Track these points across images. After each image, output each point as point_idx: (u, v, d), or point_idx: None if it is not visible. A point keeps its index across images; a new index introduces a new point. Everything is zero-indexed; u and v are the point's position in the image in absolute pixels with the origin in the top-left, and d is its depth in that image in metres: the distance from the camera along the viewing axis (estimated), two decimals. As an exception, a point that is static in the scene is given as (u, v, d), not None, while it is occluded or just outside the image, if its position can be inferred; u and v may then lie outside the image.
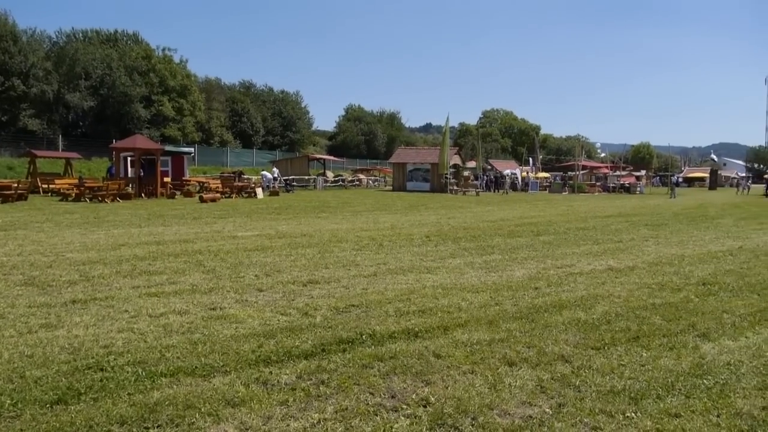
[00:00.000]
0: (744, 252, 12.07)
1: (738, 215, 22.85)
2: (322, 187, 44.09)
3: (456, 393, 4.35)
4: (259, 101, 69.72)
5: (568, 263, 10.25)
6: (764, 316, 6.78)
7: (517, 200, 34.05)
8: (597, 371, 4.86)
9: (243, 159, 57.49)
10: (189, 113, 55.06)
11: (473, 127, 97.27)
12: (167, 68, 53.79)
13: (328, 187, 45.35)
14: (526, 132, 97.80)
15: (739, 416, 4.07)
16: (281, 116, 70.87)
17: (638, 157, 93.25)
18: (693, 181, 77.07)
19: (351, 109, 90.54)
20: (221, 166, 51.89)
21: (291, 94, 75.79)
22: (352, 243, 12.29)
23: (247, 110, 64.26)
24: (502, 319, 6.38)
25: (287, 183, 39.13)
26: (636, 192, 50.25)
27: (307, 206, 24.00)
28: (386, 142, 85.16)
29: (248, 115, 64.20)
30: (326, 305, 6.89)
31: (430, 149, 51.11)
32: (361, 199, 30.97)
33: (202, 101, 57.96)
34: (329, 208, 23.41)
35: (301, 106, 76.93)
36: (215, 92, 63.59)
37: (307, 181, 44.31)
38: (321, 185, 44.15)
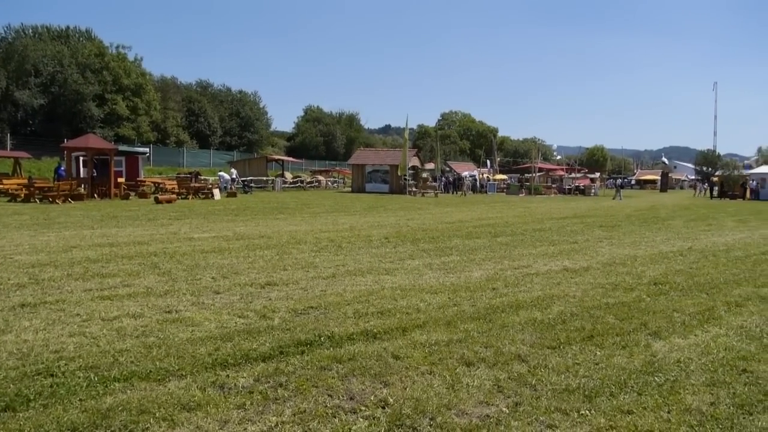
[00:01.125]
0: (693, 252, 12.43)
1: (688, 217, 23.52)
2: (281, 188, 43.76)
3: (414, 394, 4.37)
4: (216, 101, 68.89)
5: (525, 264, 10.40)
6: (712, 314, 7.00)
7: (475, 202, 34.38)
8: (552, 370, 4.94)
9: (200, 159, 56.68)
10: (144, 112, 54.08)
11: (432, 128, 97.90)
12: (121, 66, 52.73)
13: (286, 188, 45.04)
14: (484, 134, 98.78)
15: (688, 412, 4.18)
16: (239, 116, 70.17)
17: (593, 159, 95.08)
18: (645, 184, 78.99)
19: (310, 110, 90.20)
20: (177, 166, 51.02)
21: (249, 94, 75.19)
22: (311, 244, 12.23)
23: (204, 110, 63.43)
24: (460, 320, 6.43)
25: (245, 184, 38.72)
26: (591, 194, 51.26)
27: (265, 207, 23.80)
28: (345, 144, 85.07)
29: (205, 115, 63.39)
30: (284, 307, 6.84)
31: (389, 151, 51.25)
32: (320, 200, 30.86)
33: (158, 100, 56.98)
34: (288, 209, 23.26)
35: (259, 106, 76.33)
36: (171, 91, 62.60)
37: (266, 183, 43.93)
38: (279, 186, 43.82)
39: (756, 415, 4.16)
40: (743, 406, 4.29)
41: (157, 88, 59.44)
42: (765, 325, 6.55)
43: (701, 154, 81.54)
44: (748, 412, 4.21)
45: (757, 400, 4.40)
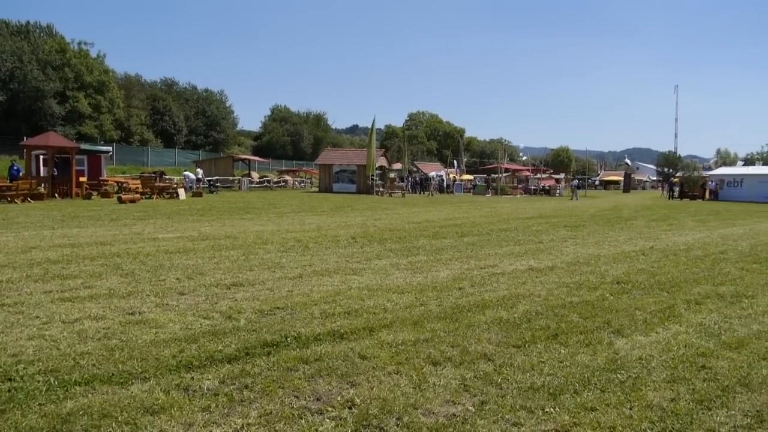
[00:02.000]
0: (655, 252, 12.68)
1: (649, 217, 23.99)
2: (247, 188, 43.40)
3: (381, 394, 4.37)
4: (181, 99, 67.99)
5: (491, 264, 10.49)
6: (673, 312, 7.15)
7: (442, 202, 34.56)
8: (518, 368, 4.99)
9: (165, 159, 55.84)
10: (107, 110, 53.12)
11: (399, 129, 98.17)
12: (83, 63, 51.69)
13: (253, 188, 44.68)
14: (451, 135, 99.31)
15: (650, 408, 4.26)
16: (205, 115, 69.36)
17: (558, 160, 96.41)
18: (608, 184, 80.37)
19: (277, 109, 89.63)
20: (141, 165, 50.18)
21: (215, 93, 74.39)
22: (278, 245, 12.16)
23: (169, 108, 62.53)
24: (427, 320, 6.45)
25: (211, 184, 38.31)
26: (556, 194, 51.94)
27: (231, 207, 23.57)
28: (312, 143, 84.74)
29: (170, 114, 62.50)
30: (250, 308, 6.78)
31: (357, 151, 51.17)
32: (287, 200, 30.69)
33: (121, 98, 56.02)
34: (254, 209, 23.07)
35: (225, 105, 75.55)
36: (135, 89, 61.59)
37: (232, 182, 43.52)
38: (246, 186, 43.45)
39: (714, 410, 4.26)
40: (702, 402, 4.39)
41: (120, 85, 58.42)
42: (723, 323, 6.71)
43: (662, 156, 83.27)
44: (707, 407, 4.31)
45: (715, 396, 4.50)
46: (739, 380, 4.86)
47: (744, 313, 7.22)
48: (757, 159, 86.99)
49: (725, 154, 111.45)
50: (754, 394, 4.59)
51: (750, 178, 47.93)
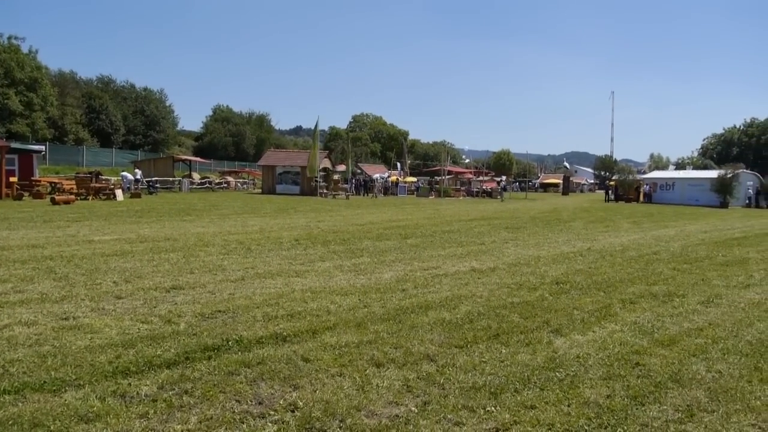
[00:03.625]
0: (592, 253, 13.05)
1: (587, 219, 24.66)
2: (188, 189, 42.53)
3: (324, 396, 4.35)
4: (119, 98, 66.09)
5: (434, 265, 10.58)
6: (609, 311, 7.37)
7: (385, 204, 34.67)
8: (460, 369, 5.05)
9: (101, 159, 54.11)
10: (39, 108, 51.10)
11: (343, 131, 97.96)
12: (14, 58, 49.57)
13: (194, 189, 43.81)
14: (395, 137, 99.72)
15: (587, 405, 4.38)
16: (144, 114, 67.61)
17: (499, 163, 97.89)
18: (548, 187, 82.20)
19: (219, 109, 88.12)
20: (76, 165, 48.48)
21: (155, 91, 72.56)
22: (219, 247, 11.96)
23: (105, 107, 60.67)
24: (371, 321, 6.46)
25: (150, 185, 37.38)
26: (497, 197, 52.79)
27: (171, 209, 23.04)
28: (255, 144, 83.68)
29: (107, 113, 60.63)
30: (191, 312, 6.65)
31: (300, 152, 50.82)
32: (229, 201, 30.23)
33: (55, 96, 53.99)
34: (195, 210, 22.63)
35: (165, 104, 73.82)
36: (70, 87, 59.49)
37: (172, 183, 42.56)
38: (187, 187, 42.57)
39: (647, 406, 4.41)
40: (636, 398, 4.54)
41: (54, 82, 56.31)
42: (656, 321, 6.96)
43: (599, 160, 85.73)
44: (641, 403, 4.46)
45: (648, 392, 4.67)
46: (671, 376, 5.05)
47: (675, 312, 7.50)
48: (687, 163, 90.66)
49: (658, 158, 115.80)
50: (684, 389, 4.77)
51: (681, 182, 49.85)
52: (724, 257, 13.01)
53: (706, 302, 8.17)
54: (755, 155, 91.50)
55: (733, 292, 9.01)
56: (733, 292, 9.02)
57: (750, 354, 5.80)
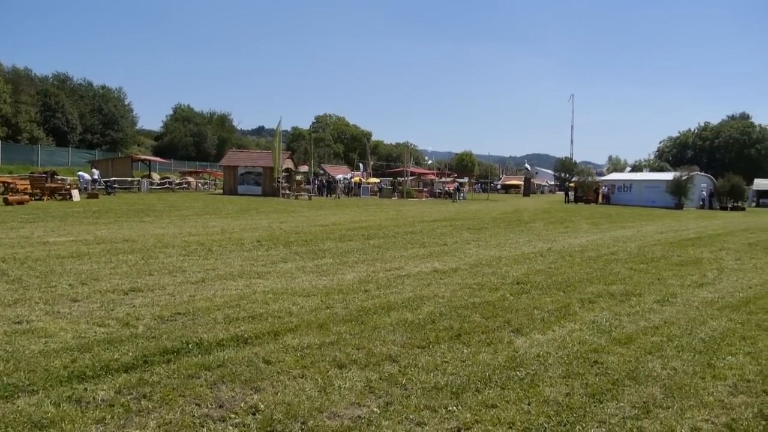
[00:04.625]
0: (552, 253, 13.24)
1: (547, 220, 25.02)
2: (147, 189, 41.78)
3: (286, 398, 4.32)
4: (76, 96, 64.53)
5: (396, 266, 10.60)
6: (568, 311, 7.49)
7: (348, 205, 34.62)
8: (422, 369, 5.07)
9: (57, 158, 52.78)
10: (-8, 106, 49.64)
11: (306, 131, 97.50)
12: (-35, 55, 48.14)
13: (153, 189, 43.07)
14: (358, 138, 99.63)
15: (546, 403, 4.44)
16: (102, 113, 66.18)
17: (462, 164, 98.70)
18: (509, 188, 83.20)
19: (179, 109, 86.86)
20: (31, 165, 47.18)
21: (113, 90, 71.09)
22: (179, 248, 11.78)
23: (61, 105, 59.20)
24: (333, 323, 6.44)
25: (108, 185, 36.62)
26: (459, 198, 53.18)
27: (129, 210, 22.61)
28: (217, 144, 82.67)
29: (63, 111, 59.18)
30: (149, 314, 6.53)
31: (263, 152, 50.41)
32: (190, 202, 29.81)
33: (8, 93, 52.47)
34: (155, 211, 22.25)
35: (124, 103, 72.40)
36: (24, 84, 57.82)
37: (131, 183, 41.76)
38: (146, 188, 41.82)
39: (605, 403, 4.49)
40: (594, 395, 4.62)
41: (7, 79, 54.68)
42: (614, 320, 7.10)
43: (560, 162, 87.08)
44: (599, 400, 4.54)
45: (606, 389, 4.76)
46: (628, 374, 5.15)
47: (632, 311, 7.66)
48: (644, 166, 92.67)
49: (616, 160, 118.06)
50: (641, 386, 4.88)
51: (638, 184, 51.01)
52: (679, 257, 13.34)
53: (662, 301, 8.36)
54: (709, 158, 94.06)
55: (687, 291, 9.25)
56: (688, 291, 9.25)
57: (703, 351, 5.96)
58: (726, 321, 7.29)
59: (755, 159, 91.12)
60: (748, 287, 9.76)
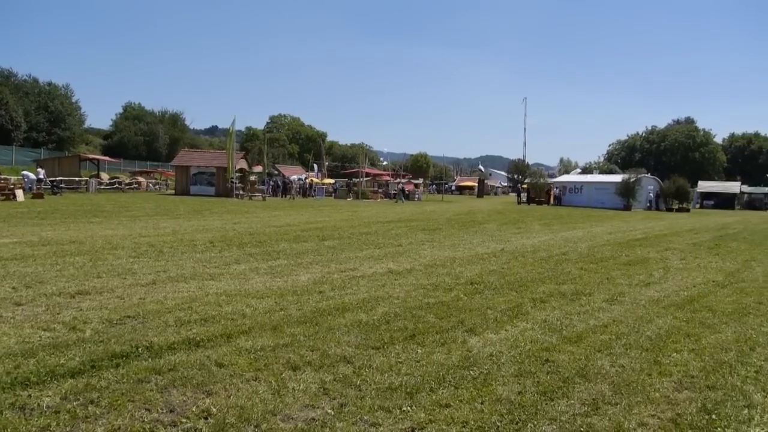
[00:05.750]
0: (505, 254, 13.42)
1: (501, 221, 25.35)
2: (96, 189, 40.77)
3: (239, 401, 4.27)
4: (20, 93, 62.47)
5: (351, 267, 10.59)
6: (521, 310, 7.60)
7: (303, 206, 34.44)
8: (377, 370, 5.07)
9: (0, 157, 51.08)
10: (-70, 102, 47.68)
11: (260, 131, 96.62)
12: None
13: (102, 189, 42.03)
14: (313, 138, 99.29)
15: (499, 402, 4.50)
16: (48, 111, 64.23)
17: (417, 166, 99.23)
18: (464, 189, 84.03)
19: (130, 107, 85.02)
20: (-28, 164, 45.59)
21: (60, 87, 69.10)
22: (129, 250, 11.52)
23: (5, 102, 57.21)
24: (287, 324, 6.40)
25: (54, 185, 35.57)
26: (415, 199, 53.45)
27: (77, 210, 22.01)
28: (168, 144, 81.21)
29: (7, 108, 57.19)
30: (97, 318, 6.37)
31: (216, 152, 49.75)
32: (140, 203, 29.19)
33: (-52, 89, 50.56)
34: (103, 212, 21.71)
35: (71, 100, 70.44)
36: (-36, 80, 55.83)
37: (78, 183, 40.66)
38: (94, 188, 40.79)
39: (556, 401, 4.57)
40: (546, 393, 4.70)
41: (-53, 75, 52.72)
42: (564, 319, 7.23)
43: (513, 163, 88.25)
44: (550, 398, 4.62)
45: (557, 387, 4.84)
46: (578, 372, 5.26)
47: (582, 310, 7.82)
48: (594, 168, 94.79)
49: (567, 162, 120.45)
50: (590, 383, 4.98)
51: (588, 186, 52.16)
52: (627, 257, 13.69)
53: (611, 300, 8.56)
54: (656, 161, 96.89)
55: (635, 290, 9.49)
56: (635, 290, 9.50)
57: (650, 349, 6.12)
58: (671, 319, 7.51)
59: (699, 162, 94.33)
60: (692, 286, 10.07)
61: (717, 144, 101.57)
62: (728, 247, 16.87)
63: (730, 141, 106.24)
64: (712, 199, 62.73)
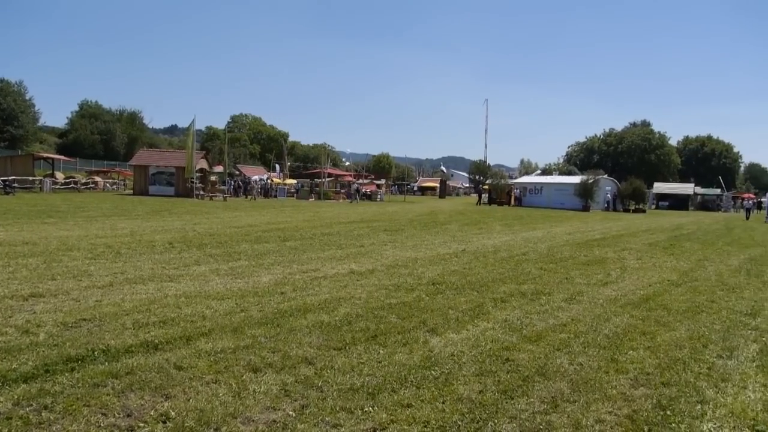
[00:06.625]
0: (466, 254, 13.53)
1: (462, 221, 25.54)
2: (50, 189, 39.75)
3: (198, 405, 4.21)
4: (-30, 90, 60.70)
5: (313, 268, 10.55)
6: (482, 310, 7.67)
7: (265, 206, 34.15)
8: (338, 371, 5.06)
9: (-51, 156, 49.46)
10: None
11: (221, 131, 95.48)
12: None
13: (57, 189, 41.00)
14: (275, 138, 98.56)
15: (460, 401, 4.53)
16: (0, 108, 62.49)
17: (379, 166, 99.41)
18: (426, 190, 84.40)
19: (86, 105, 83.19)
20: None
21: (12, 83, 67.34)
22: (85, 251, 11.26)
23: (-46, 99, 55.55)
24: (248, 326, 6.33)
25: (6, 184, 34.57)
26: (377, 199, 53.50)
27: (30, 211, 21.43)
28: (127, 143, 79.81)
29: (-44, 105, 55.55)
30: (52, 321, 6.20)
31: (175, 152, 49.02)
32: (97, 203, 28.58)
33: None
34: (58, 212, 21.19)
35: (24, 98, 68.69)
36: None
37: (32, 183, 39.58)
38: (49, 187, 39.76)
39: (516, 399, 4.63)
40: (506, 392, 4.75)
41: None
42: (525, 318, 7.32)
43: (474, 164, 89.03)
44: (510, 396, 4.67)
45: (517, 386, 4.90)
46: (538, 370, 5.33)
47: (542, 309, 7.93)
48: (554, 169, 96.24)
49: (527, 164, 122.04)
50: (550, 382, 5.05)
51: (548, 187, 52.93)
52: (586, 257, 13.94)
53: (570, 299, 8.70)
54: (613, 162, 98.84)
55: (593, 289, 9.67)
56: (593, 289, 9.67)
57: (607, 347, 6.24)
58: (628, 317, 7.67)
59: (655, 164, 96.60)
60: (648, 285, 10.30)
61: (672, 146, 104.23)
62: (682, 247, 17.32)
63: (684, 143, 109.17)
64: (667, 201, 64.26)
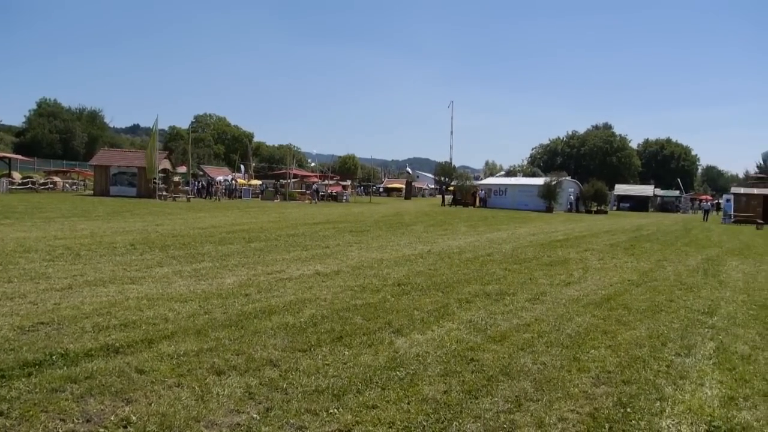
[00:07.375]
0: (432, 255, 13.59)
1: (428, 222, 25.66)
2: (7, 189, 38.74)
3: (160, 409, 4.14)
4: None
5: (278, 269, 10.47)
6: (447, 311, 7.71)
7: (229, 207, 33.81)
8: (303, 372, 5.03)
9: None
10: None
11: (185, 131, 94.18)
12: None
13: (14, 189, 39.96)
14: (240, 139, 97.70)
15: (425, 401, 4.54)
16: (-47, 106, 60.76)
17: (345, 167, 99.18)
18: (391, 191, 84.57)
19: (44, 103, 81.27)
20: None
21: (-34, 81, 65.43)
22: (43, 253, 11.00)
23: None
24: (211, 328, 6.26)
25: (-39, 184, 33.59)
26: (342, 200, 53.42)
27: (-14, 211, 20.85)
28: (87, 143, 78.20)
29: None
30: (8, 324, 6.04)
31: (138, 152, 48.18)
32: (56, 203, 27.93)
33: None
34: (15, 213, 20.64)
35: (-20, 96, 66.80)
36: None
37: (-12, 183, 38.54)
38: (5, 188, 38.75)
39: (481, 399, 4.66)
40: (471, 392, 4.78)
41: None
42: (489, 319, 7.39)
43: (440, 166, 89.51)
44: (475, 396, 4.71)
45: (481, 386, 4.94)
46: (502, 370, 5.38)
47: (506, 309, 8.01)
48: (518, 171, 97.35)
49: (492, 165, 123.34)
50: (513, 381, 5.11)
51: (512, 188, 53.58)
52: (549, 258, 14.13)
53: (533, 299, 8.81)
54: (576, 164, 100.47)
55: (556, 289, 9.80)
56: (556, 289, 9.81)
57: (570, 346, 6.33)
58: (590, 317, 7.79)
59: (616, 166, 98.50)
60: (609, 285, 10.49)
61: (632, 149, 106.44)
62: (642, 248, 17.68)
63: (644, 146, 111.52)
64: (628, 202, 65.60)
